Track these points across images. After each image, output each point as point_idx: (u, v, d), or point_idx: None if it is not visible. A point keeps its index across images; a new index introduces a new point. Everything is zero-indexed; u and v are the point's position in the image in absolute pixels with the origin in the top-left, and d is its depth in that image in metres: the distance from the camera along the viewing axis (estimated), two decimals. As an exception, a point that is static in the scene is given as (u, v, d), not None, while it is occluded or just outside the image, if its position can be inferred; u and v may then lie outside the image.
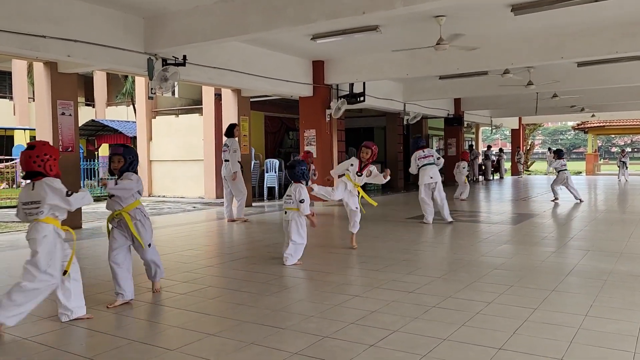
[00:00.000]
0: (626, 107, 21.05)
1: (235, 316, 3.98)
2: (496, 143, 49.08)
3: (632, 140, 55.17)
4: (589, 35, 9.26)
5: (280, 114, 17.23)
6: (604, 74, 12.96)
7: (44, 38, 6.80)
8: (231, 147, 9.43)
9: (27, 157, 3.70)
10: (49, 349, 3.34)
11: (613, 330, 3.52)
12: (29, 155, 3.70)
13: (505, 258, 6.03)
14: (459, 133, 20.17)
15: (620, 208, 11.73)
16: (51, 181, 3.71)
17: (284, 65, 11.24)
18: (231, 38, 7.63)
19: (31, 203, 3.69)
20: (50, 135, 8.43)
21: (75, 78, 8.94)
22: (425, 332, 3.52)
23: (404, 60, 11.08)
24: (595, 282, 4.82)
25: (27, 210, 3.71)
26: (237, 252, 6.79)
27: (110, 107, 22.97)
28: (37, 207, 3.68)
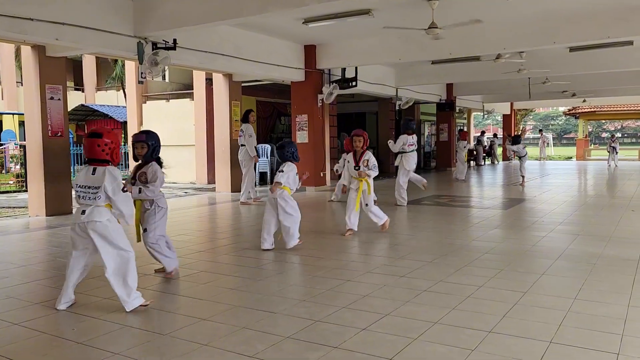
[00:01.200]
0: (617, 92, 21.12)
1: (227, 301, 3.99)
2: (488, 128, 49.18)
3: (622, 126, 55.50)
4: (582, 20, 9.24)
5: (272, 99, 17.12)
6: (596, 59, 12.97)
7: (32, 21, 6.68)
8: (246, 132, 9.76)
9: (95, 145, 3.71)
10: (40, 335, 3.33)
11: (602, 313, 3.57)
12: (97, 143, 3.70)
13: (496, 242, 6.07)
14: (451, 118, 20.18)
15: (610, 193, 11.83)
16: (114, 170, 3.74)
17: (276, 50, 11.14)
18: (223, 22, 7.54)
19: (89, 187, 3.70)
20: (39, 120, 8.33)
21: (64, 62, 8.81)
22: (416, 316, 3.55)
23: (396, 45, 11.02)
24: (584, 265, 4.87)
25: (82, 194, 3.73)
26: (230, 237, 6.79)
27: (100, 92, 22.73)
28: (95, 193, 3.69)
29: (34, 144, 8.50)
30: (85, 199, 3.72)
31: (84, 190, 3.72)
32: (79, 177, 3.76)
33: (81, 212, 3.73)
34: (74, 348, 3.10)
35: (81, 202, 3.75)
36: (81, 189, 3.73)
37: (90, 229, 3.69)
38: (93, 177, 3.70)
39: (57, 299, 3.85)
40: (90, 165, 3.75)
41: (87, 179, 3.72)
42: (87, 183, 3.72)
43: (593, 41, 9.76)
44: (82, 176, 3.74)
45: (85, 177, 3.72)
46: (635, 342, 3.06)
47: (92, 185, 3.70)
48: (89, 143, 3.73)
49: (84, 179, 3.72)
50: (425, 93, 18.04)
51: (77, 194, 3.76)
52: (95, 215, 3.70)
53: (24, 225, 7.84)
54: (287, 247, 5.70)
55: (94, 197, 3.70)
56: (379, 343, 3.10)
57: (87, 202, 3.73)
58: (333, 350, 3.00)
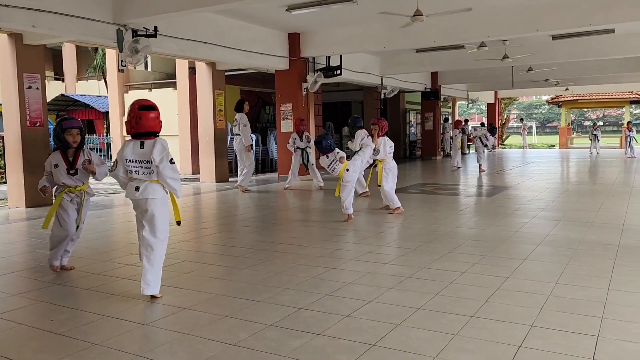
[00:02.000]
0: (599, 80, 21.36)
1: (209, 290, 3.96)
2: (472, 117, 49.45)
3: (604, 114, 56.17)
4: (564, 8, 9.29)
5: (256, 88, 16.99)
6: (578, 48, 13.08)
7: (7, 7, 6.52)
8: (240, 121, 9.82)
9: (155, 117, 3.65)
10: (18, 326, 3.27)
11: (582, 297, 3.60)
12: (157, 115, 3.66)
13: (479, 229, 6.11)
14: (436, 107, 20.24)
15: (591, 180, 11.98)
16: (164, 142, 3.68)
17: (259, 38, 11.03)
18: (204, 8, 7.43)
19: (140, 162, 3.65)
20: (17, 110, 8.17)
21: (42, 50, 8.62)
22: (400, 302, 3.55)
23: (381, 33, 10.98)
24: (565, 251, 4.92)
25: (134, 168, 3.66)
26: (213, 227, 6.74)
27: (80, 82, 22.33)
28: (149, 167, 3.65)
29: (12, 135, 8.33)
30: (139, 173, 3.68)
31: (136, 165, 3.67)
32: (126, 152, 3.67)
33: (135, 189, 3.69)
34: (52, 339, 3.05)
35: (134, 177, 3.69)
36: (132, 164, 3.67)
37: (147, 205, 3.67)
38: (142, 151, 3.64)
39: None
40: (137, 140, 3.66)
41: (136, 153, 3.65)
42: (138, 157, 3.65)
43: (575, 29, 9.82)
44: (129, 150, 3.67)
45: (133, 151, 3.66)
46: (614, 325, 3.10)
47: (143, 160, 3.64)
48: (145, 115, 3.61)
49: (132, 153, 3.65)
50: (410, 82, 18.05)
51: (129, 169, 3.69)
52: (149, 192, 3.67)
53: (3, 217, 7.70)
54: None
55: (148, 172, 3.66)
56: (362, 329, 3.09)
57: (140, 177, 3.68)
58: (316, 337, 2.99)
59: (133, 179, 3.72)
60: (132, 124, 3.66)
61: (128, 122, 3.71)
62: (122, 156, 3.71)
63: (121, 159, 3.72)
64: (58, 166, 4.25)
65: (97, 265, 4.63)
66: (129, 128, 3.70)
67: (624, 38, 12.39)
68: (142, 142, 3.65)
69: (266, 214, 7.71)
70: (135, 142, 3.68)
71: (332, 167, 6.44)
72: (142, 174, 3.68)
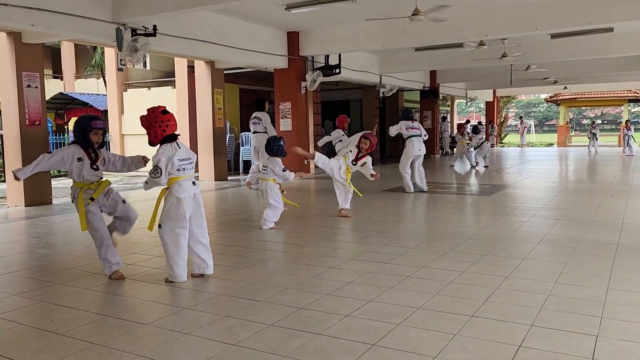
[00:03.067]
0: (597, 79, 21.38)
1: (209, 289, 3.96)
2: (471, 116, 49.46)
3: (603, 113, 56.22)
4: (563, 6, 9.29)
5: (255, 87, 16.97)
6: (577, 46, 13.09)
7: (5, 6, 6.50)
8: (265, 120, 10.08)
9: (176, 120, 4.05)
10: (18, 326, 3.27)
11: (581, 296, 3.61)
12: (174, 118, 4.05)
13: (479, 228, 6.12)
14: (435, 106, 20.24)
15: (590, 178, 11.99)
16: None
17: (258, 36, 11.02)
18: (203, 7, 7.42)
19: (187, 159, 4.05)
20: (16, 109, 8.15)
21: (41, 49, 8.61)
22: (399, 302, 3.56)
23: (379, 32, 10.97)
24: (564, 250, 4.93)
25: (186, 166, 4.03)
26: (213, 226, 6.73)
27: (79, 80, 22.29)
28: (192, 163, 4.09)
29: (11, 133, 8.32)
30: (187, 170, 4.02)
31: (185, 163, 4.02)
32: (176, 155, 3.96)
33: (192, 184, 4.05)
34: (52, 339, 3.05)
35: (184, 174, 4.00)
36: (183, 162, 4.00)
37: (199, 198, 4.11)
38: (182, 150, 4.02)
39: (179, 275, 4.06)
40: (171, 142, 3.99)
41: (180, 153, 3.98)
42: (184, 156, 4.00)
43: (574, 27, 9.82)
44: (176, 153, 3.96)
45: (179, 151, 3.98)
46: (613, 324, 3.11)
47: (187, 157, 4.05)
48: (171, 118, 4.00)
49: (179, 154, 3.97)
50: (408, 80, 18.05)
51: (182, 167, 3.98)
52: (199, 186, 4.13)
53: (3, 216, 7.69)
54: (262, 228, 6.17)
55: (192, 167, 4.07)
56: (362, 329, 3.10)
57: (189, 172, 4.03)
58: (316, 337, 2.99)
59: (180, 177, 4.00)
60: (163, 128, 3.94)
61: (155, 128, 3.94)
62: (171, 160, 3.95)
63: (168, 164, 3.95)
64: (82, 160, 4.15)
65: (97, 265, 4.62)
66: (158, 133, 3.94)
67: (623, 37, 12.41)
68: (177, 143, 4.03)
69: (265, 213, 7.70)
70: (172, 145, 3.99)
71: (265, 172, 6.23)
72: (190, 170, 4.06)
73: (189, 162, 4.04)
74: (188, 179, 4.02)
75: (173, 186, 3.99)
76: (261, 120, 10.05)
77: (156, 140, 3.98)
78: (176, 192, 3.97)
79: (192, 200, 4.05)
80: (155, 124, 3.91)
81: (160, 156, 3.93)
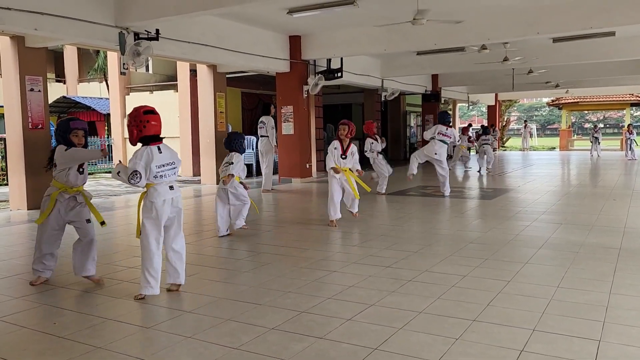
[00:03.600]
0: (599, 83, 21.34)
1: (211, 293, 3.96)
2: (472, 119, 49.46)
3: (605, 117, 56.15)
4: (565, 10, 9.29)
5: (257, 91, 17.00)
6: (579, 50, 13.08)
7: (9, 10, 6.53)
8: (268, 124, 10.28)
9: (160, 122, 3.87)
10: (20, 329, 3.28)
11: (584, 301, 3.61)
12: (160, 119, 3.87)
13: (480, 232, 6.11)
14: (436, 109, 20.22)
15: (592, 183, 11.97)
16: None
17: (260, 40, 11.05)
18: (205, 11, 7.44)
19: (168, 164, 3.84)
20: (19, 112, 8.18)
21: (44, 53, 8.65)
22: (401, 306, 3.55)
23: (381, 36, 10.99)
24: (567, 254, 4.92)
25: (162, 172, 3.80)
26: (214, 230, 6.74)
27: (82, 84, 22.36)
28: (174, 168, 3.89)
29: (14, 137, 8.34)
30: (165, 176, 3.82)
31: (166, 169, 3.82)
32: (155, 158, 3.76)
33: (169, 188, 3.85)
34: (54, 342, 3.05)
35: (161, 181, 3.81)
36: (162, 169, 3.80)
37: (178, 203, 3.92)
38: (163, 155, 3.82)
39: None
40: (151, 146, 3.78)
41: (160, 158, 3.78)
42: (165, 161, 3.81)
43: (576, 32, 9.82)
44: (157, 156, 3.77)
45: (160, 156, 3.79)
46: (616, 329, 3.10)
47: (169, 162, 3.85)
48: (157, 119, 3.82)
49: (158, 159, 3.77)
50: (410, 84, 18.06)
51: (159, 174, 3.78)
52: (178, 189, 3.97)
53: (5, 219, 7.71)
54: (235, 228, 6.17)
55: (174, 173, 3.90)
56: (364, 333, 3.10)
57: (168, 179, 3.85)
58: (318, 341, 2.99)
59: (156, 183, 3.80)
60: (140, 127, 3.75)
61: (132, 127, 3.78)
62: (149, 165, 3.74)
63: (147, 169, 3.75)
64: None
65: (98, 269, 4.62)
66: (135, 133, 3.77)
67: (625, 41, 12.40)
68: (159, 147, 3.81)
69: (267, 216, 7.72)
70: (151, 148, 3.77)
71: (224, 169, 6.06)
72: (169, 176, 3.86)
73: (170, 167, 3.84)
74: (164, 183, 3.83)
75: (149, 190, 3.82)
76: (265, 124, 10.28)
77: (133, 140, 3.82)
78: (151, 196, 3.81)
79: (170, 205, 3.86)
80: (134, 123, 3.77)
81: (138, 159, 3.73)
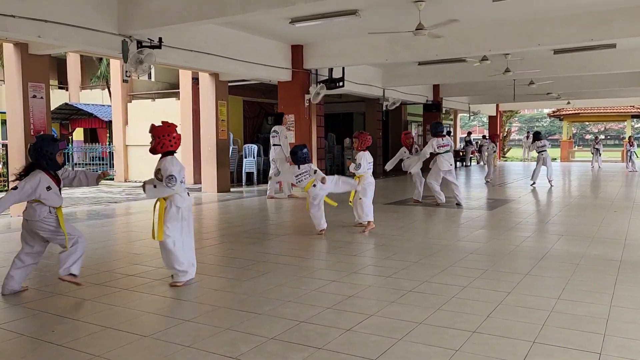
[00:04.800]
0: (600, 94, 21.41)
1: (211, 302, 3.95)
2: (474, 130, 49.52)
3: (606, 128, 56.22)
4: (566, 22, 9.34)
5: (259, 99, 17.06)
6: (580, 62, 13.14)
7: (13, 17, 6.57)
8: (281, 134, 10.57)
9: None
10: (19, 337, 3.27)
11: (584, 313, 3.59)
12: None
13: (481, 243, 6.10)
14: (438, 119, 20.27)
15: (593, 194, 11.97)
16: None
17: (262, 49, 11.10)
18: (208, 20, 7.48)
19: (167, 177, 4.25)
20: (22, 119, 8.20)
21: (47, 60, 8.68)
22: (401, 316, 3.55)
23: (383, 46, 11.04)
24: (567, 266, 4.91)
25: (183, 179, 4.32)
26: (215, 238, 6.74)
27: (84, 91, 22.44)
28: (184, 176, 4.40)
29: (16, 143, 8.36)
30: (184, 183, 4.34)
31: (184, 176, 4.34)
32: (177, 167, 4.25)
33: (187, 194, 4.38)
34: (53, 350, 3.04)
35: (183, 187, 4.33)
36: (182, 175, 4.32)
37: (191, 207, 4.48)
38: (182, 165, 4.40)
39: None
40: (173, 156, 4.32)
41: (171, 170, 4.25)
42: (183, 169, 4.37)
43: (576, 43, 9.86)
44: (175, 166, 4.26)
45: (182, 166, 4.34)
46: (616, 342, 3.09)
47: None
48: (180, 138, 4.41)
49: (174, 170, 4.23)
50: (412, 94, 18.11)
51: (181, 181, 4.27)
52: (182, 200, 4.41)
53: (6, 226, 7.71)
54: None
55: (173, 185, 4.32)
56: (363, 344, 3.09)
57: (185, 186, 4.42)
58: (317, 351, 2.98)
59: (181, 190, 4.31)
60: (172, 143, 4.27)
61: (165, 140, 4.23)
62: (180, 173, 4.26)
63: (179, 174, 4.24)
64: (51, 188, 4.06)
65: (98, 276, 4.62)
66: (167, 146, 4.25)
67: (626, 53, 12.44)
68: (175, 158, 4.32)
69: (268, 225, 7.71)
70: (176, 158, 4.32)
71: (300, 178, 6.43)
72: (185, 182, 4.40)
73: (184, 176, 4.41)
74: (184, 190, 4.36)
75: (175, 196, 4.27)
76: (279, 133, 10.53)
77: (161, 151, 4.26)
78: (177, 202, 4.29)
79: (186, 210, 4.39)
80: (167, 136, 4.23)
81: (173, 166, 4.20)
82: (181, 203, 4.30)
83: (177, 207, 4.28)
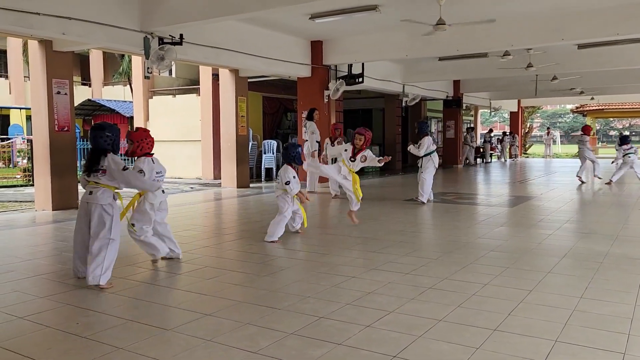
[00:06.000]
0: (625, 90, 20.96)
1: (231, 296, 3.98)
2: (495, 126, 48.96)
3: (631, 124, 55.08)
4: (590, 17, 9.17)
5: (278, 95, 17.11)
6: (604, 57, 12.88)
7: (38, 15, 6.70)
8: (309, 129, 10.56)
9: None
10: (44, 328, 3.34)
11: (608, 312, 3.54)
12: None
13: (502, 240, 6.04)
14: (458, 115, 20.10)
15: (617, 191, 11.74)
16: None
17: (282, 45, 11.12)
18: (228, 16, 7.53)
19: (159, 173, 4.73)
20: (46, 115, 8.36)
21: (71, 56, 8.83)
22: (421, 313, 3.53)
23: (403, 41, 10.97)
24: (590, 264, 4.83)
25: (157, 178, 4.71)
26: (235, 233, 6.79)
27: (106, 87, 22.80)
28: (162, 176, 4.79)
29: (40, 139, 8.53)
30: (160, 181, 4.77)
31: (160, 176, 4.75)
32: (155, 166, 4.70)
33: (162, 192, 4.80)
34: (77, 342, 3.10)
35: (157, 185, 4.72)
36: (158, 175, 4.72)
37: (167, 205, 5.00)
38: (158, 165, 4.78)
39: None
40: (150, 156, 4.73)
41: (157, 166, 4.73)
42: (158, 169, 4.73)
43: (601, 38, 9.68)
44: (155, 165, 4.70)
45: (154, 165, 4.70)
46: (641, 342, 3.03)
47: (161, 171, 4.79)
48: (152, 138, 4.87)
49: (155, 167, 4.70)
50: (432, 90, 17.97)
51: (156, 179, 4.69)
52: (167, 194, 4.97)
53: (30, 219, 7.88)
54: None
55: (163, 180, 4.83)
56: (383, 340, 3.08)
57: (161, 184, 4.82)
58: (337, 347, 2.99)
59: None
60: (149, 145, 4.75)
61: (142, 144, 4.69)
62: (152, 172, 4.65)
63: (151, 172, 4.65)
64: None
65: (121, 269, 4.69)
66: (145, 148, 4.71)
67: (653, 47, 12.17)
68: (152, 159, 4.73)
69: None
70: (150, 159, 4.73)
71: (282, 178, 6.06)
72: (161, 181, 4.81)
73: (161, 175, 4.75)
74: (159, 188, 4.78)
75: (147, 194, 4.71)
76: (307, 129, 10.65)
77: (140, 153, 4.72)
78: (150, 199, 4.73)
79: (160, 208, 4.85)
80: (145, 140, 4.74)
81: (145, 165, 4.64)
82: (153, 199, 4.74)
83: (150, 204, 4.73)
